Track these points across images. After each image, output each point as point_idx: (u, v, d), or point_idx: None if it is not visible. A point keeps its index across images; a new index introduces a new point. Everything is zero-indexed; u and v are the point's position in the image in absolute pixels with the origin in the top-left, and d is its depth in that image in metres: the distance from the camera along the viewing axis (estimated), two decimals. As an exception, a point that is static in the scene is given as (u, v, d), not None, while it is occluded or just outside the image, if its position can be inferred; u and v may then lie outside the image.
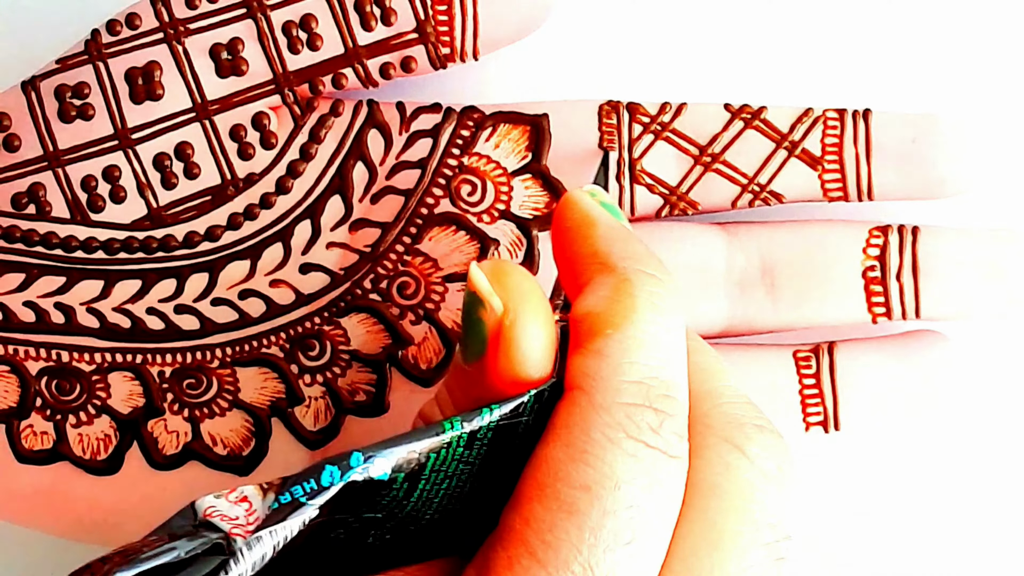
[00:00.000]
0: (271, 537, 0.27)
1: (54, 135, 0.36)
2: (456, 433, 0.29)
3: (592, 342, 0.30)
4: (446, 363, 0.37)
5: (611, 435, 0.29)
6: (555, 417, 0.29)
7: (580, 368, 0.30)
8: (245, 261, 0.37)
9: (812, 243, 0.37)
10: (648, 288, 0.30)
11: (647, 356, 0.30)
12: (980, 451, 0.40)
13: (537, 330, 0.30)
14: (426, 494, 0.29)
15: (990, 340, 0.40)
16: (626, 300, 0.30)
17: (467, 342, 0.30)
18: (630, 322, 0.30)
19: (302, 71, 0.37)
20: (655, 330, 0.30)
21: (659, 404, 0.29)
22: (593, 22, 0.40)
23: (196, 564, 0.27)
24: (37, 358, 0.37)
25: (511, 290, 0.30)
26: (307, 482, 0.28)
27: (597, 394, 0.29)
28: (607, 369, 0.29)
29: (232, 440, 0.37)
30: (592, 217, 0.32)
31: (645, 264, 0.31)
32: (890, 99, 0.39)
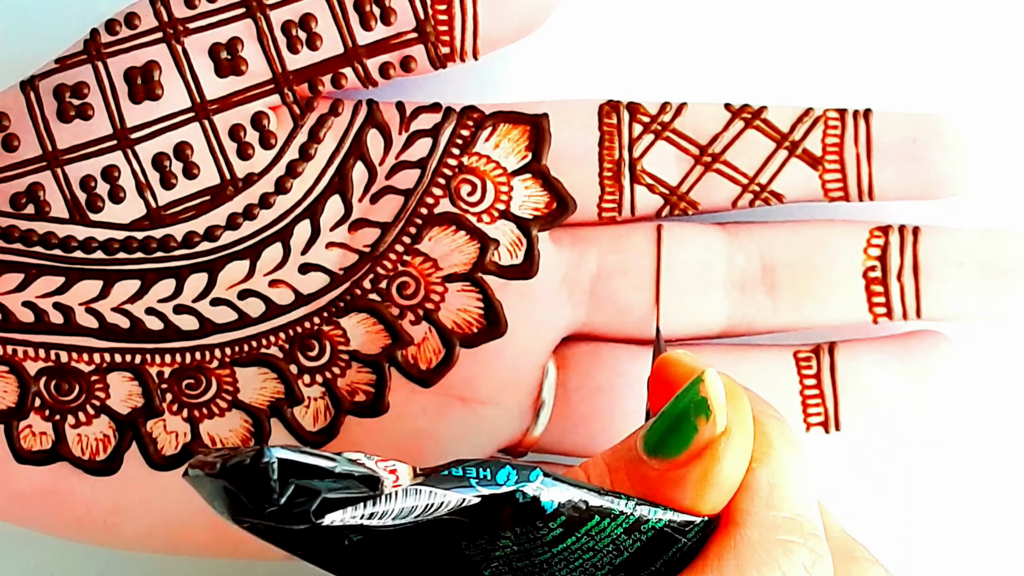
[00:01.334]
0: (427, 496, 0.26)
1: (53, 135, 0.36)
2: (628, 510, 0.28)
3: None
4: (446, 363, 0.37)
5: (767, 572, 0.28)
6: (707, 550, 0.29)
7: (733, 503, 0.29)
8: (244, 261, 0.37)
9: (813, 243, 0.37)
10: (778, 428, 0.30)
11: (795, 492, 0.29)
12: (980, 451, 0.40)
13: (742, 464, 0.29)
14: (567, 552, 0.29)
15: (990, 340, 0.39)
16: (762, 438, 0.30)
17: (666, 438, 0.29)
18: (771, 457, 0.30)
19: (301, 71, 0.37)
20: (796, 466, 0.30)
21: (811, 543, 0.29)
22: (593, 22, 0.40)
23: (348, 482, 0.26)
24: (36, 358, 0.36)
25: (737, 414, 0.29)
26: (483, 469, 0.27)
27: (752, 528, 0.29)
28: (759, 503, 0.29)
29: (231, 440, 0.37)
30: (701, 368, 0.31)
31: (767, 407, 0.31)
32: (891, 99, 0.39)
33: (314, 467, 0.26)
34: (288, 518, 0.25)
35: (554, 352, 0.38)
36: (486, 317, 0.37)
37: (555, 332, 0.37)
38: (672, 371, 0.31)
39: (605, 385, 0.37)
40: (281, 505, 0.25)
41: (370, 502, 0.26)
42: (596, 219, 0.37)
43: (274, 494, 0.25)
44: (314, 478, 0.26)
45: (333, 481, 0.26)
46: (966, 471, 0.40)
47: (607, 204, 0.37)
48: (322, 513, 0.25)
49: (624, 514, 0.28)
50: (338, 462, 0.26)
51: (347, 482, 0.26)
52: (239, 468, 0.25)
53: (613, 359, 0.37)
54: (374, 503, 0.26)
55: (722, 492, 0.29)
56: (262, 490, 0.25)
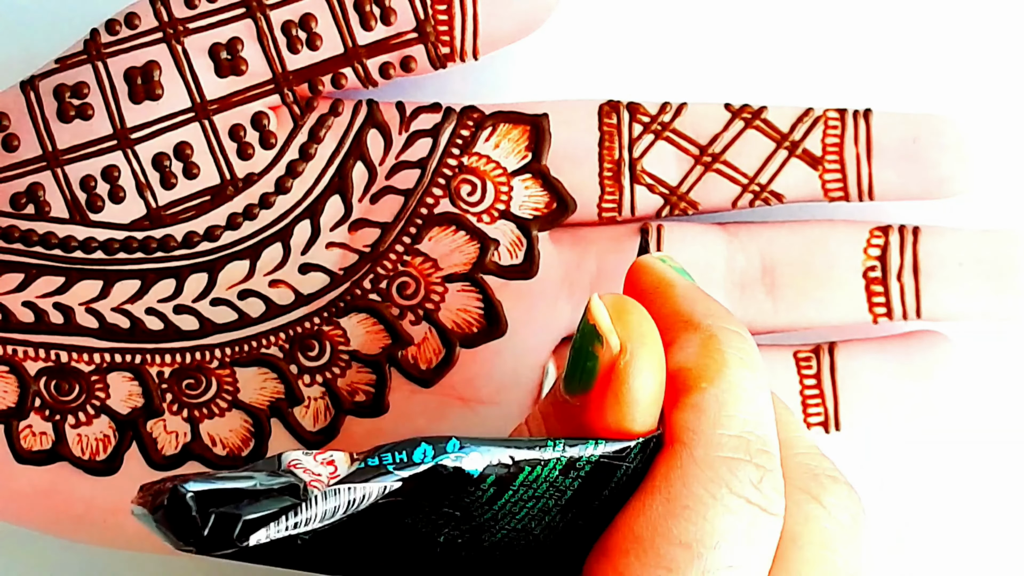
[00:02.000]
0: (347, 493, 0.27)
1: (53, 135, 0.36)
2: (557, 454, 0.28)
3: (688, 396, 0.29)
4: (446, 363, 0.37)
5: (713, 490, 0.28)
6: (654, 470, 0.29)
7: (679, 422, 0.29)
8: (244, 261, 0.37)
9: (813, 243, 0.37)
10: (735, 344, 0.30)
11: (744, 410, 0.29)
12: (980, 451, 0.40)
13: (651, 376, 0.29)
14: (509, 506, 0.29)
15: (990, 340, 0.39)
16: (716, 355, 0.30)
17: (574, 374, 0.29)
18: (723, 376, 0.30)
19: (301, 71, 0.37)
20: (748, 384, 0.30)
21: (759, 459, 0.29)
22: (593, 22, 0.40)
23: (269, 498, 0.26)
24: (36, 358, 0.36)
25: (631, 330, 0.29)
26: (399, 452, 0.27)
27: (698, 448, 0.29)
28: (706, 423, 0.29)
29: (231, 440, 0.37)
30: (669, 279, 0.32)
31: (728, 322, 0.31)
32: (891, 99, 0.39)
33: (232, 491, 0.26)
34: (216, 546, 0.26)
35: (554, 352, 0.38)
36: (486, 317, 0.37)
37: (555, 332, 0.37)
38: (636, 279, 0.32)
39: (605, 385, 0.37)
40: (206, 536, 0.26)
41: (291, 513, 0.26)
42: (596, 219, 0.37)
43: (197, 527, 0.26)
44: (232, 502, 0.26)
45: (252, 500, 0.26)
46: (966, 471, 0.40)
47: (607, 204, 0.37)
48: (246, 535, 0.26)
49: (554, 458, 0.28)
50: (257, 479, 0.26)
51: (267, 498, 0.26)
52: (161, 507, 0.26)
53: (613, 359, 0.37)
54: (295, 512, 0.26)
55: (642, 408, 0.29)
56: (186, 525, 0.26)
